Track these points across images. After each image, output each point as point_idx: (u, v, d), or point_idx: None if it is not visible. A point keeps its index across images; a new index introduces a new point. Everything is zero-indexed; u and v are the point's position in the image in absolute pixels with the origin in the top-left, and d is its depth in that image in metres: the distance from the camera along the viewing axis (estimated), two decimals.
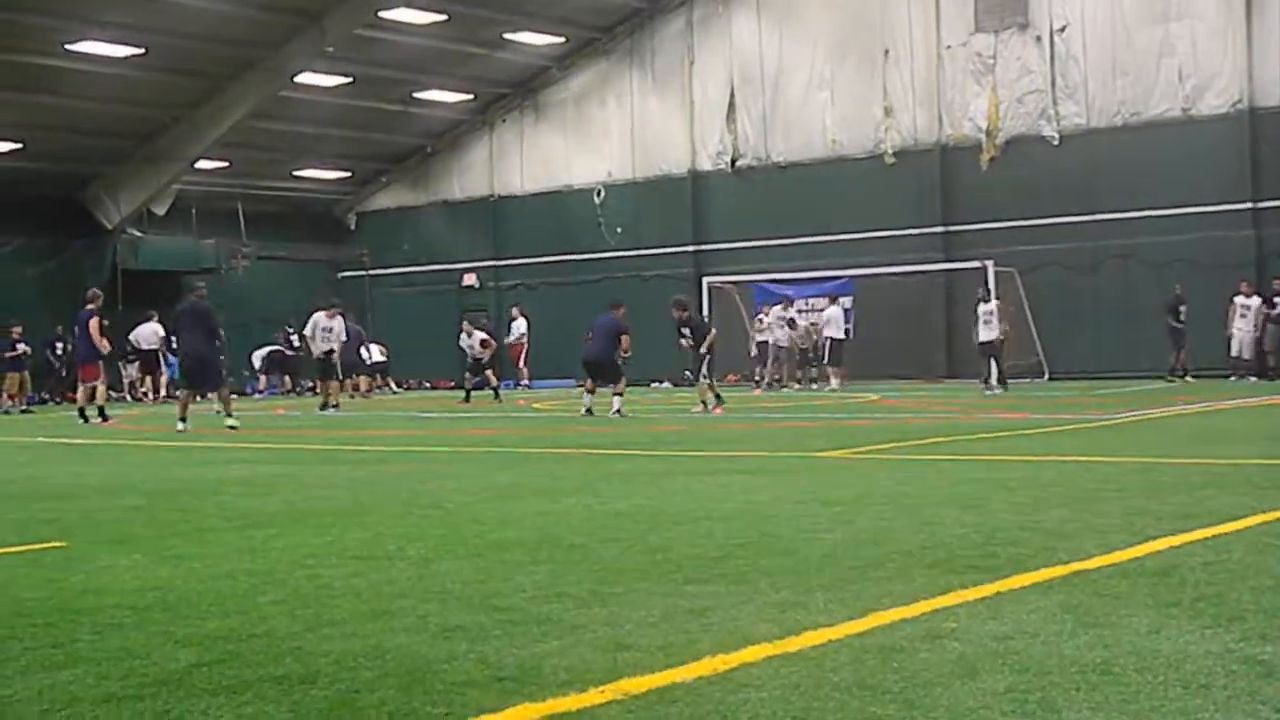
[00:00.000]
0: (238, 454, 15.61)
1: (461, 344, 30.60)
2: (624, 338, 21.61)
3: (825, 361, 31.65)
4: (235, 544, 7.76)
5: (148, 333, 34.74)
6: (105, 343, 23.62)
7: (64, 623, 5.54)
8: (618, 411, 20.72)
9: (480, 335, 30.61)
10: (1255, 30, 30.65)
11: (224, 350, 20.89)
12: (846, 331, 32.36)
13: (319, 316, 27.64)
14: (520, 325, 37.61)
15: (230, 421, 20.12)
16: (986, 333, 27.88)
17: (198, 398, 22.85)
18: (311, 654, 4.87)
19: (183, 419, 19.85)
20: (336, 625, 5.35)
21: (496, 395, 29.59)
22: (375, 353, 37.84)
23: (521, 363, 37.84)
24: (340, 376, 28.53)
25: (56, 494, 11.11)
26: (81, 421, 22.96)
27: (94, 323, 23.04)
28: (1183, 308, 29.59)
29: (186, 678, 4.59)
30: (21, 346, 30.93)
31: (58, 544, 7.95)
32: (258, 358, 38.23)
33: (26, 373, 31.03)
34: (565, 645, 4.89)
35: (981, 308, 29.07)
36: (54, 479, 12.66)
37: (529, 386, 36.93)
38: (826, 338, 31.52)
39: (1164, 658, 4.45)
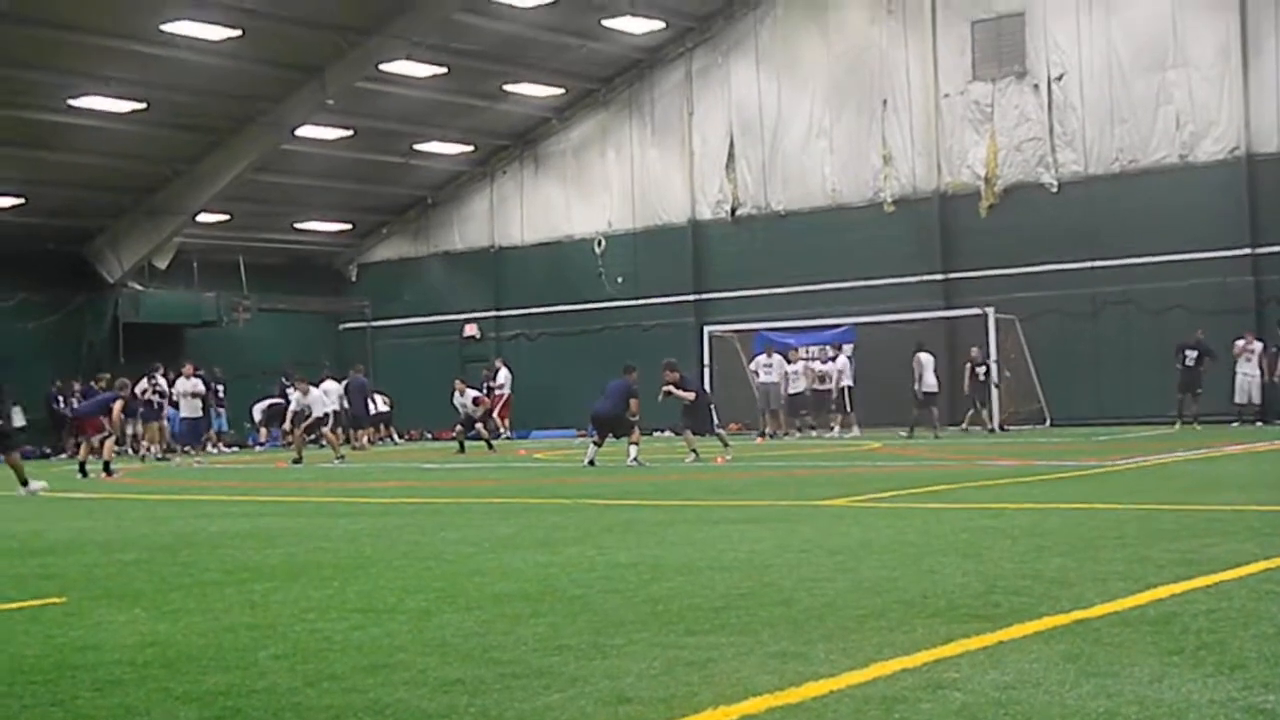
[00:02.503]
0: (239, 507, 15.59)
1: (455, 402, 30.65)
2: (633, 401, 21.94)
3: (849, 409, 31.86)
4: (235, 598, 7.74)
5: (142, 387, 34.71)
6: (120, 419, 24.23)
7: (63, 679, 5.52)
8: (635, 460, 20.88)
9: (473, 394, 30.73)
10: (1252, 78, 30.82)
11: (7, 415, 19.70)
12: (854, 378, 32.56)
13: (295, 395, 27.94)
14: (503, 376, 37.57)
15: None
16: (930, 383, 30.03)
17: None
18: (311, 709, 4.85)
19: (23, 481, 18.59)
20: (336, 679, 5.34)
21: (490, 445, 29.57)
22: (379, 403, 37.83)
23: (497, 413, 37.79)
24: (336, 428, 28.61)
25: (56, 549, 11.08)
26: (80, 476, 22.93)
27: (118, 406, 23.57)
28: (1191, 353, 29.53)
29: None
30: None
31: (57, 599, 7.93)
32: (258, 410, 38.22)
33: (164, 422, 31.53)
34: (566, 698, 4.88)
35: (922, 357, 30.16)
36: (54, 533, 12.62)
37: (510, 437, 36.89)
38: (844, 386, 31.74)
39: (1167, 707, 4.44)
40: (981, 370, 31.27)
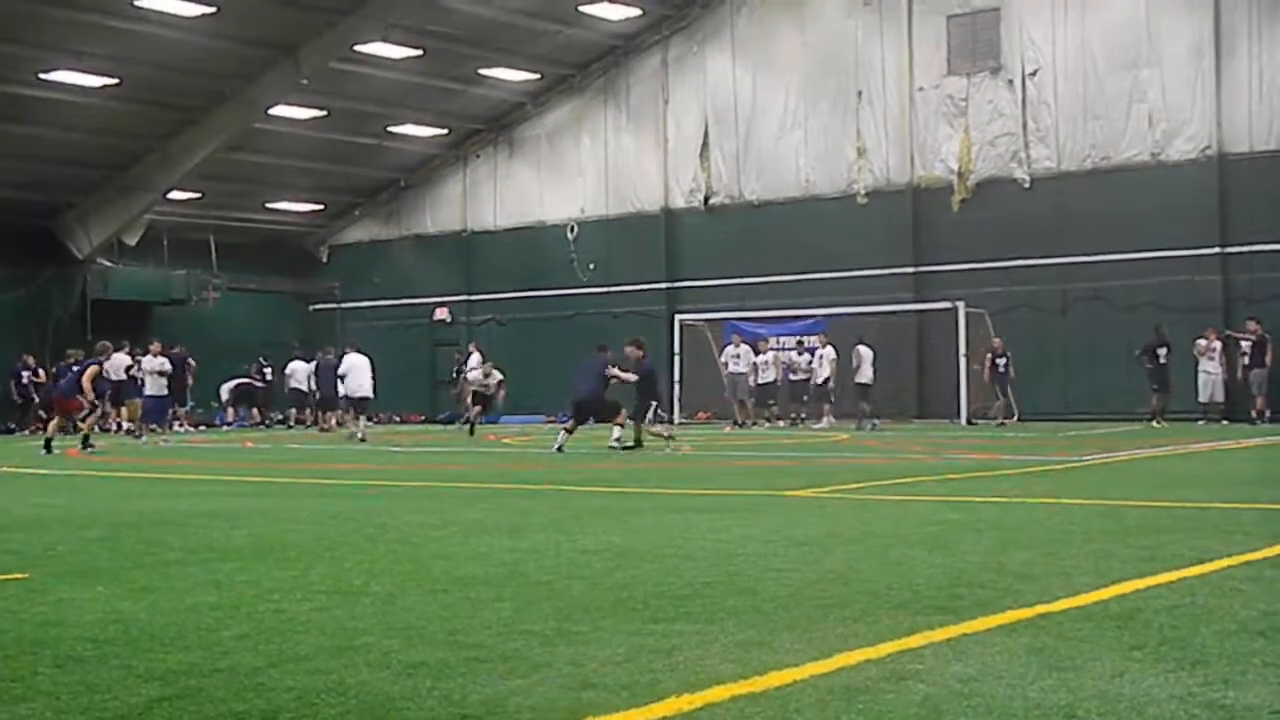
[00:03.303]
0: (205, 486, 15.53)
1: (476, 379, 30.07)
2: (612, 369, 21.90)
3: (832, 400, 31.90)
4: (199, 577, 7.71)
5: (117, 363, 34.49)
6: (92, 394, 23.62)
7: (24, 655, 5.49)
8: (618, 440, 20.80)
9: (498, 376, 30.20)
10: (1224, 77, 30.97)
11: None
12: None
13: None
14: (475, 360, 37.52)
15: None
16: (867, 375, 30.82)
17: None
18: (274, 690, 4.83)
19: None
20: (300, 661, 5.32)
21: (472, 430, 29.38)
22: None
23: (470, 400, 37.73)
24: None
25: (20, 525, 11.02)
26: (44, 453, 22.79)
27: (91, 371, 23.23)
28: (1162, 350, 29.68)
29: (147, 713, 4.55)
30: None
31: (19, 575, 7.88)
32: (225, 390, 38.08)
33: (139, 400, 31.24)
34: (529, 683, 4.87)
35: (862, 349, 30.90)
36: (18, 510, 12.55)
37: (482, 421, 36.84)
38: (827, 377, 31.80)
39: (1127, 701, 4.46)
40: (1002, 361, 31.18)
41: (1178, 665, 4.97)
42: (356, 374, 28.29)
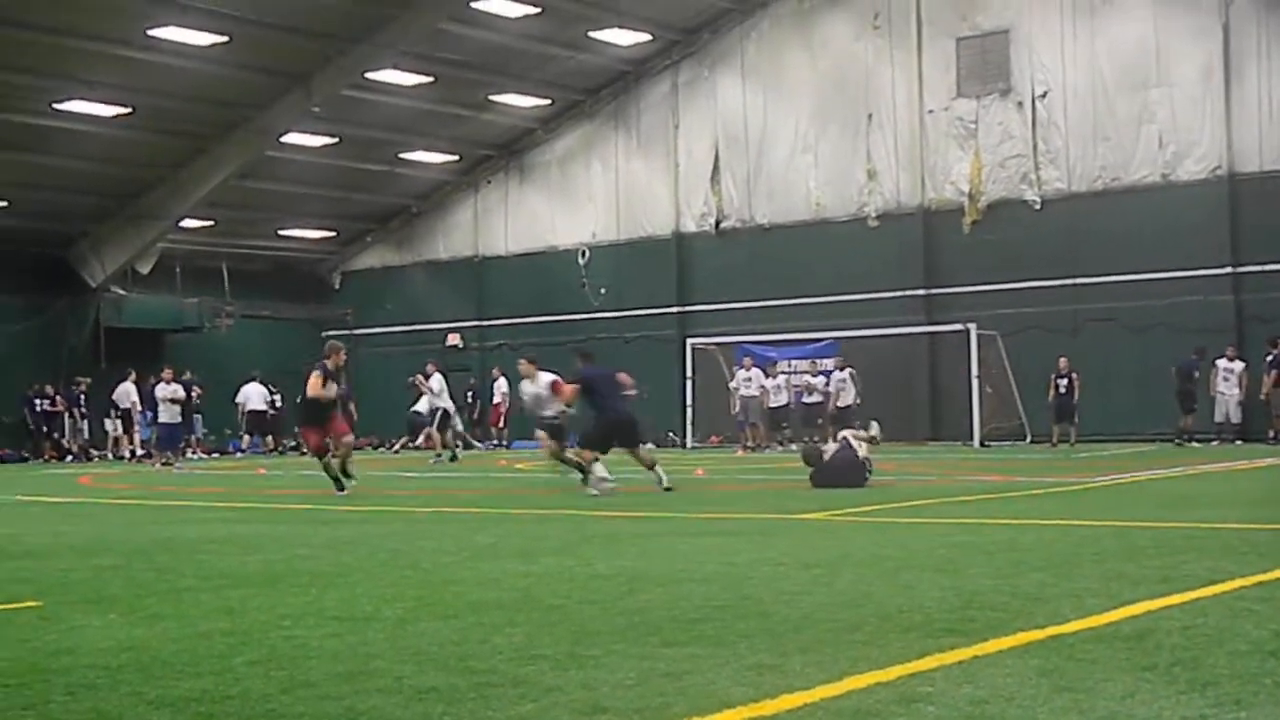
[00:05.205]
0: (218, 513, 15.55)
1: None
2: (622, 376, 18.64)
3: (851, 424, 31.38)
4: (212, 604, 7.72)
5: (123, 391, 34.74)
6: (321, 390, 17.97)
7: (36, 683, 5.50)
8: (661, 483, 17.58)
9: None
10: (1234, 97, 31.00)
11: None
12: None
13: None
14: (502, 386, 37.68)
15: None
16: (846, 398, 30.85)
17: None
18: (286, 716, 4.84)
19: None
20: (311, 687, 5.32)
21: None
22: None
23: (503, 423, 37.89)
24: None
25: (33, 553, 11.04)
26: (339, 489, 18.47)
27: (313, 382, 18.19)
28: (1196, 372, 29.62)
29: None
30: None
31: (32, 603, 7.90)
32: (242, 394, 37.91)
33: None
34: (541, 708, 4.87)
35: (842, 374, 31.08)
36: (31, 538, 12.58)
37: (498, 446, 37.04)
38: (850, 400, 31.60)
39: None
40: (1063, 383, 30.37)
41: (1189, 686, 4.96)
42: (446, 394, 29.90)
